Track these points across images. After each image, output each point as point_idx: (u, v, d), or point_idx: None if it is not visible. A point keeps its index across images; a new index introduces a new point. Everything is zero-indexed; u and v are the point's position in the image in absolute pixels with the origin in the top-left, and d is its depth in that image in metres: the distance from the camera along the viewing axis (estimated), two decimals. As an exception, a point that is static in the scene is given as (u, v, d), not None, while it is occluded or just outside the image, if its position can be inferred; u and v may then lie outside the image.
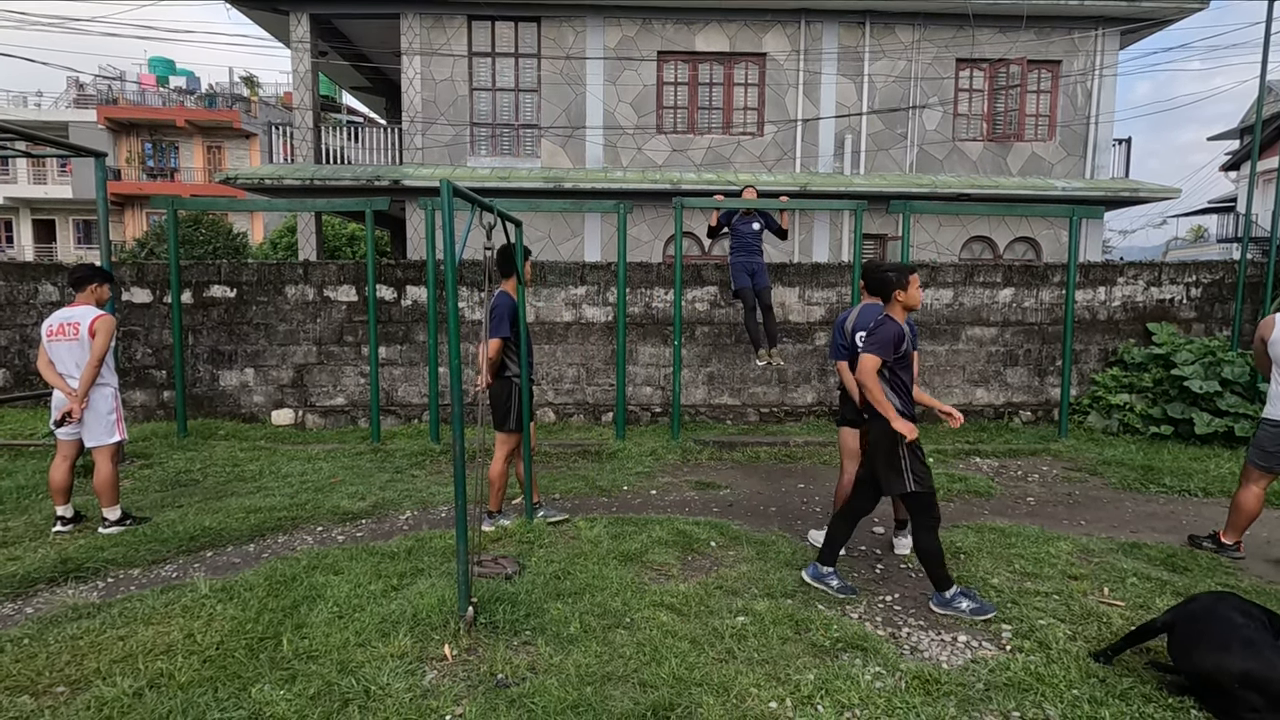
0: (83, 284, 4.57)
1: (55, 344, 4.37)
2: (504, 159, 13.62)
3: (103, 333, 4.38)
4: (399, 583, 3.53)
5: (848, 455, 4.20)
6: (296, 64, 13.45)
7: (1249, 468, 4.14)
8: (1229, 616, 2.59)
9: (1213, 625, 2.59)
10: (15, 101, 31.04)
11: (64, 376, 4.38)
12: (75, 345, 4.35)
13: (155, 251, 17.33)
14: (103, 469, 4.40)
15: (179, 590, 3.47)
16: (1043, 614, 3.34)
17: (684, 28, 13.30)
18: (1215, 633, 2.56)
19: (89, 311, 4.43)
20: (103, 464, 4.41)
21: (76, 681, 2.69)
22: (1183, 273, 8.28)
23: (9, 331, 7.88)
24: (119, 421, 4.53)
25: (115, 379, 4.59)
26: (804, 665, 2.86)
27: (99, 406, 4.42)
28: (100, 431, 4.43)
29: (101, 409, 4.43)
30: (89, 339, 4.35)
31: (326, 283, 7.86)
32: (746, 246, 7.13)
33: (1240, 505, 4.14)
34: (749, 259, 7.14)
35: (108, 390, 4.47)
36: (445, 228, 3.10)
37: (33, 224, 31.24)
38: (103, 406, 4.44)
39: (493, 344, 4.19)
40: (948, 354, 8.17)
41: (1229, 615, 2.60)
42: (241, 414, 7.88)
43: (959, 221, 13.56)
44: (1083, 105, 13.80)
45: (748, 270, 7.13)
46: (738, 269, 7.17)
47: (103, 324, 4.40)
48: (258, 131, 28.30)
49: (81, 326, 4.36)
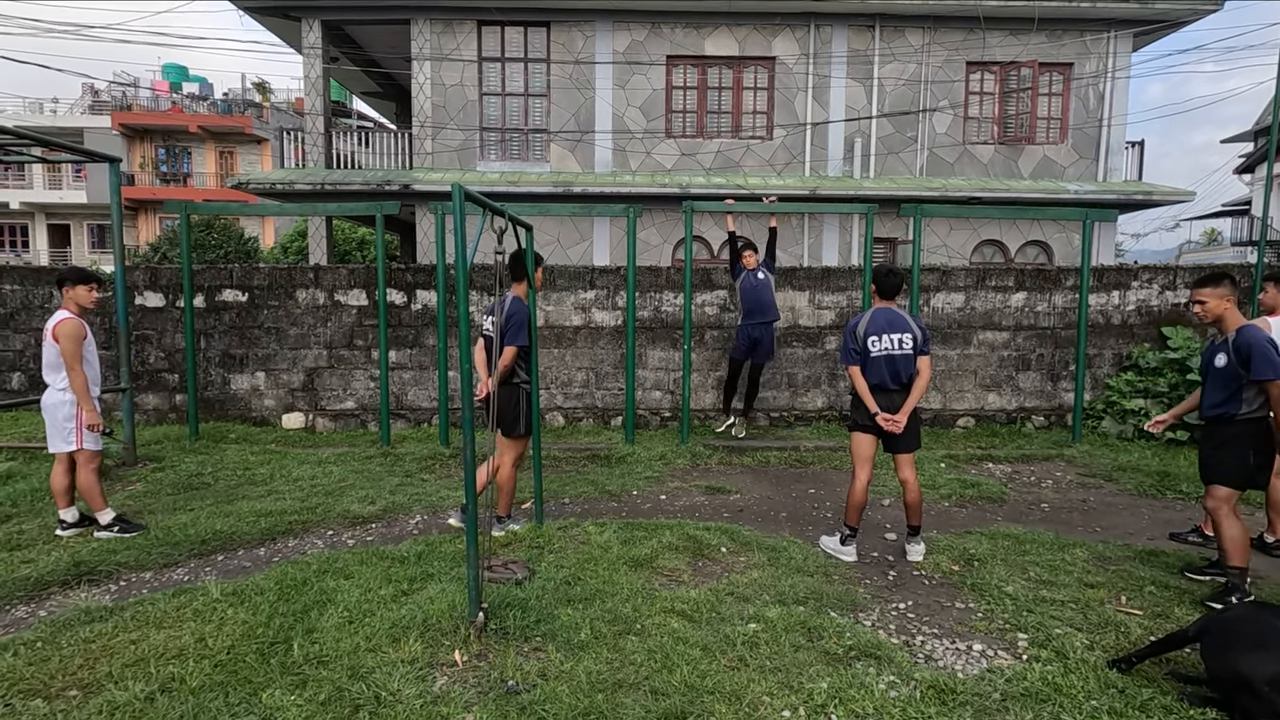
0: (60, 286, 4.54)
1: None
2: (513, 163, 13.66)
3: (64, 336, 4.30)
4: (409, 587, 3.53)
5: (859, 460, 4.16)
6: (308, 69, 13.55)
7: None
8: (1268, 620, 2.60)
9: (1251, 627, 2.59)
10: (31, 108, 31.45)
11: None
12: (46, 351, 4.36)
13: (168, 255, 17.48)
14: (80, 475, 4.40)
15: (190, 594, 3.47)
16: (1059, 622, 3.30)
17: (693, 32, 13.30)
18: (1252, 634, 2.55)
19: (57, 316, 4.38)
20: (80, 470, 4.39)
21: (89, 685, 2.69)
22: (1197, 276, 8.18)
23: (24, 335, 7.95)
24: (78, 430, 4.38)
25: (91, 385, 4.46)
26: (817, 673, 2.83)
27: (58, 414, 4.36)
28: (58, 438, 4.38)
29: (59, 416, 4.36)
30: (53, 343, 4.31)
31: (337, 287, 7.89)
32: (759, 304, 6.91)
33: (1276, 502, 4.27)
34: (757, 323, 6.94)
35: (68, 398, 4.36)
36: (456, 232, 3.10)
37: (48, 229, 31.61)
38: (60, 413, 4.36)
39: (509, 351, 4.16)
40: (959, 358, 8.10)
41: (1268, 619, 2.61)
42: (252, 417, 7.92)
43: (970, 225, 13.48)
44: (1095, 108, 13.70)
45: (751, 339, 6.96)
46: (742, 335, 7.02)
47: (62, 329, 4.31)
48: (269, 136, 28.52)
49: (48, 331, 4.34)
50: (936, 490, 5.58)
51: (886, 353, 4.04)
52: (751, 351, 7.05)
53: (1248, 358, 3.50)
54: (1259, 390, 3.54)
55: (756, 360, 7.11)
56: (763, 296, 6.97)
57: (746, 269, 7.02)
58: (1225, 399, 3.65)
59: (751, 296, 6.99)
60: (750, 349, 7.04)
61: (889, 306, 4.15)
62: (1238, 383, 3.59)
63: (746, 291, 7.01)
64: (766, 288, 7.00)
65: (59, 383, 4.37)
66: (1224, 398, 3.65)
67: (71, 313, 4.45)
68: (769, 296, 7.01)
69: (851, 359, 4.13)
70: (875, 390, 4.07)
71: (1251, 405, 3.59)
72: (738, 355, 7.12)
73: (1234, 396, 3.62)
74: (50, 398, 4.38)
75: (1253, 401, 3.58)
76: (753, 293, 6.98)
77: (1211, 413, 3.73)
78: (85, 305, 4.54)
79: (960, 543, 4.36)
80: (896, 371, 4.05)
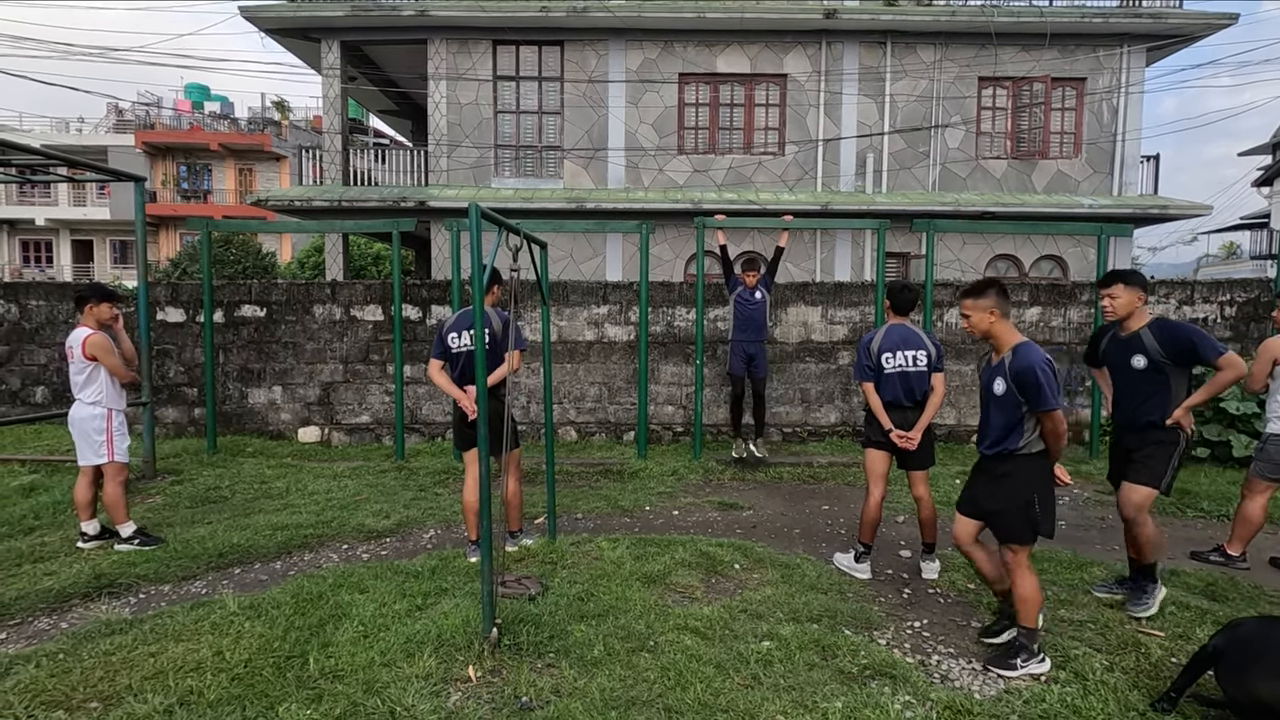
0: (81, 304, 4.59)
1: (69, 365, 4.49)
2: (527, 180, 13.81)
3: (98, 349, 4.40)
4: (423, 602, 3.55)
5: (873, 477, 4.15)
6: (327, 89, 13.81)
7: (1254, 480, 4.33)
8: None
9: (1268, 649, 2.50)
10: (58, 127, 32.24)
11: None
12: (71, 367, 4.45)
13: (188, 271, 17.75)
14: (107, 487, 4.47)
15: (208, 607, 3.51)
16: (1078, 643, 3.25)
17: (705, 49, 13.44)
18: (1272, 656, 2.47)
19: (81, 334, 4.46)
20: (107, 483, 4.47)
21: (109, 697, 2.73)
22: (1216, 291, 8.11)
23: (48, 350, 8.11)
24: (109, 443, 4.47)
25: (114, 400, 4.53)
26: (831, 692, 2.81)
27: (88, 427, 4.44)
28: (89, 452, 4.46)
29: (90, 429, 4.44)
30: (83, 360, 4.40)
31: (353, 302, 7.99)
32: (750, 323, 6.84)
33: (1246, 517, 4.31)
34: (750, 340, 6.88)
35: (98, 411, 4.46)
36: (473, 249, 3.15)
37: (71, 244, 32.25)
38: (91, 427, 4.44)
39: (517, 355, 4.19)
40: (974, 374, 8.05)
41: None
42: (269, 431, 8.01)
43: (983, 239, 13.44)
44: (1109, 122, 13.66)
45: (746, 355, 6.89)
46: (736, 351, 6.93)
47: (94, 342, 4.41)
48: (288, 154, 29.02)
49: (75, 350, 4.42)
50: (952, 507, 5.50)
51: (900, 369, 4.03)
52: (749, 365, 6.94)
53: (1023, 384, 2.99)
54: (1038, 421, 3.05)
55: (756, 375, 6.99)
56: (755, 316, 6.86)
57: (745, 286, 6.92)
58: (1005, 433, 3.11)
59: (743, 314, 6.86)
60: (747, 363, 6.93)
61: (903, 323, 4.15)
62: (1019, 412, 3.05)
63: (740, 308, 6.90)
64: (760, 309, 6.88)
65: (89, 396, 4.46)
66: (1003, 431, 3.12)
67: (92, 329, 4.53)
68: (761, 317, 6.90)
69: (865, 375, 4.13)
70: (889, 407, 4.06)
71: (1030, 437, 3.08)
72: (736, 371, 7.01)
73: (1015, 428, 3.09)
74: (80, 411, 4.46)
75: (1032, 433, 3.08)
76: (745, 309, 6.85)
77: (990, 450, 3.19)
78: (105, 322, 4.62)
79: (976, 561, 4.31)
80: (910, 388, 4.04)
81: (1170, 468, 3.59)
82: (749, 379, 7.01)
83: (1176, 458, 3.59)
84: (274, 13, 13.11)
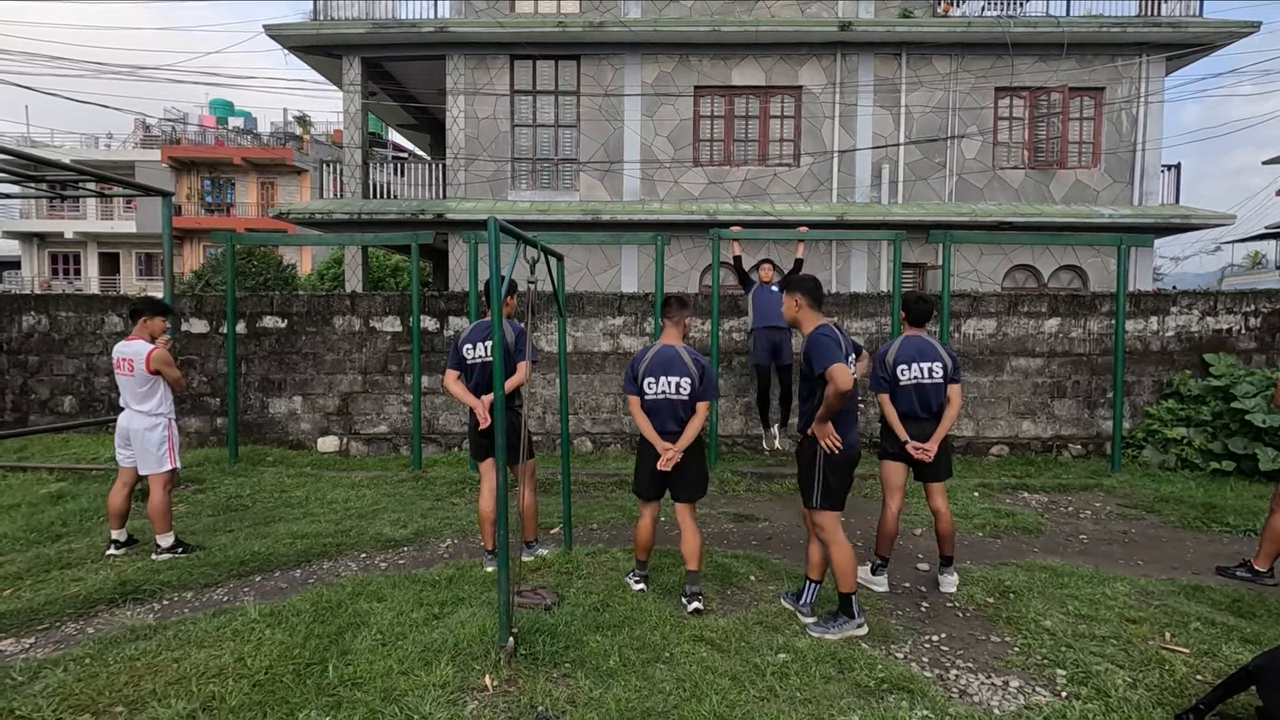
0: (136, 317, 4.71)
1: (119, 376, 4.59)
2: (544, 192, 13.94)
3: (163, 364, 4.54)
4: (440, 611, 3.57)
5: (890, 489, 4.13)
6: (347, 104, 14.07)
7: None
8: None
9: None
10: (88, 143, 33.08)
11: (126, 408, 4.59)
12: (132, 380, 4.54)
13: (211, 283, 18.10)
14: (155, 496, 4.55)
15: (230, 614, 3.56)
16: (1100, 659, 3.21)
17: (720, 63, 13.53)
18: None
19: (142, 348, 4.55)
20: (155, 491, 4.56)
21: (134, 702, 2.78)
22: (1240, 302, 7.99)
23: (76, 360, 8.30)
24: (171, 451, 4.63)
25: (171, 409, 4.69)
26: (848, 706, 2.79)
27: (150, 438, 4.56)
28: (151, 461, 4.58)
29: (152, 440, 4.57)
30: (146, 374, 4.51)
31: (372, 314, 8.10)
32: (773, 310, 6.84)
33: (1274, 532, 4.22)
34: (773, 331, 6.90)
35: (160, 421, 4.60)
36: (491, 262, 3.19)
37: (99, 257, 32.98)
38: (154, 438, 4.57)
39: (526, 366, 4.22)
40: (992, 385, 7.99)
41: None
42: (289, 441, 8.11)
43: (1001, 250, 13.34)
44: (1128, 131, 13.54)
45: (771, 344, 6.90)
46: (760, 340, 6.96)
47: (157, 357, 4.54)
48: (309, 168, 29.53)
49: (137, 364, 4.51)
50: (970, 520, 5.47)
51: (916, 381, 4.02)
52: (775, 355, 6.95)
53: (808, 355, 3.35)
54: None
55: (782, 364, 6.99)
56: (777, 304, 6.95)
57: (761, 281, 7.02)
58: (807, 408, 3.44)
59: (764, 302, 6.93)
60: (772, 353, 6.94)
61: (919, 334, 4.14)
62: (809, 388, 3.41)
63: (759, 298, 6.98)
64: (779, 299, 6.96)
65: (151, 409, 4.57)
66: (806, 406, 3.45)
67: (148, 342, 4.64)
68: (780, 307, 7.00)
69: (881, 387, 4.12)
70: (905, 418, 4.05)
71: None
72: (761, 361, 7.01)
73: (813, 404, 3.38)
74: (141, 422, 4.55)
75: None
76: (766, 297, 6.93)
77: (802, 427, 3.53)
78: (156, 335, 4.74)
79: (995, 574, 4.27)
80: (927, 400, 4.02)
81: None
82: (775, 369, 7.01)
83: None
84: (297, 31, 13.41)
